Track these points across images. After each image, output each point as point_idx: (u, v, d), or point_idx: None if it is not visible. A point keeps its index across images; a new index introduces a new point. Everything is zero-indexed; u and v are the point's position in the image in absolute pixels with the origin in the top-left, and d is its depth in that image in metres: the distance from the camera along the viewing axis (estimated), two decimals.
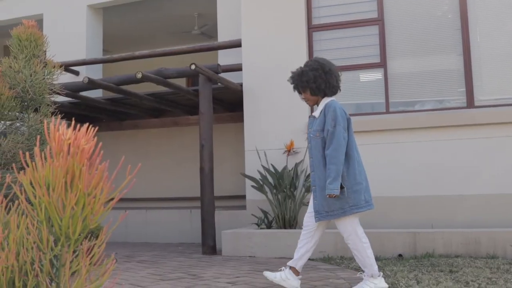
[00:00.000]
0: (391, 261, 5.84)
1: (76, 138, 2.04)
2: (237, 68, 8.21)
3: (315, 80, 4.44)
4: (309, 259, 6.43)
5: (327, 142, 4.28)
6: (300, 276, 4.48)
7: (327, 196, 4.21)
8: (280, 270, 4.48)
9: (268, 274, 4.48)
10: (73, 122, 2.10)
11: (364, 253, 4.30)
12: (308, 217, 4.51)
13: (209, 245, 7.03)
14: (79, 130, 2.04)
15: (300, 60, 7.72)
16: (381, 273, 4.34)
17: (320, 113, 4.43)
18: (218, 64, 7.64)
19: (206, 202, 7.14)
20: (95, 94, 9.64)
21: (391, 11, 7.62)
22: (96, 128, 2.13)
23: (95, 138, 2.08)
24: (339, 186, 4.20)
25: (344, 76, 7.81)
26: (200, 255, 7.05)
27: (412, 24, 7.55)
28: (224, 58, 8.87)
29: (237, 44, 8.27)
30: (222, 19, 9.25)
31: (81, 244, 2.17)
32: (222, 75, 7.84)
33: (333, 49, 7.85)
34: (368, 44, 7.71)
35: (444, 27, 7.43)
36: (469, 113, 7.08)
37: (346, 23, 7.79)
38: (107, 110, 9.72)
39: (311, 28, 7.87)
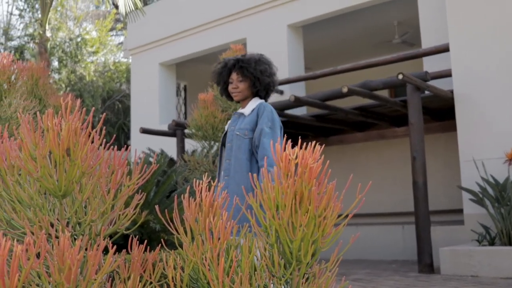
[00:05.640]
0: None
1: (303, 157, 1.96)
2: (446, 74, 7.71)
3: (270, 75, 3.79)
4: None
5: (262, 143, 3.61)
6: None
7: None
8: None
9: None
10: (299, 141, 2.02)
11: None
12: None
13: (426, 263, 6.65)
14: (305, 148, 1.96)
15: None
16: None
17: (252, 111, 3.81)
18: (426, 72, 7.22)
19: (421, 218, 6.77)
20: (300, 111, 9.76)
21: None
22: (323, 146, 2.02)
23: (322, 156, 1.98)
24: None
25: None
26: (416, 273, 6.70)
27: None
28: (428, 64, 8.42)
29: (443, 49, 7.78)
30: (424, 24, 8.82)
31: (311, 268, 2.08)
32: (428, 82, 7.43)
33: None
34: None
35: None
36: None
37: None
38: (312, 126, 9.79)
39: None
